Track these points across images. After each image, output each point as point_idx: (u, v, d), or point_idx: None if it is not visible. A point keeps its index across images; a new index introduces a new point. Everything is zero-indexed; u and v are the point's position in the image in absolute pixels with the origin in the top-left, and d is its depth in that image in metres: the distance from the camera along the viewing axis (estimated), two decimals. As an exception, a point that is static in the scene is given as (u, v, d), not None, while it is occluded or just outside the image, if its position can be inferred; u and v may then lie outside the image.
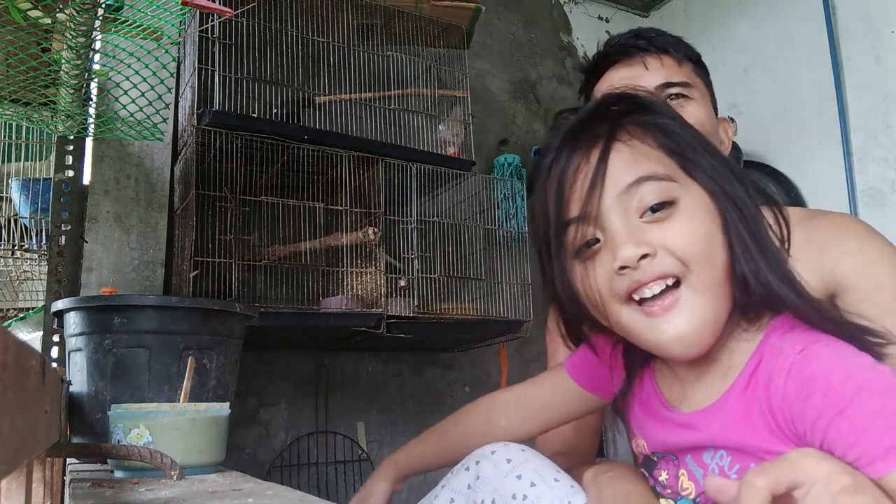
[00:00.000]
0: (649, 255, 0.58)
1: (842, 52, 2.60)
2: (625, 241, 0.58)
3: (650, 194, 0.59)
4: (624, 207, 0.59)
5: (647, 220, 0.59)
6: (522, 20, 3.23)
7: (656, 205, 0.59)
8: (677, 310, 0.58)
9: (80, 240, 1.66)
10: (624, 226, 0.59)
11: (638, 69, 1.02)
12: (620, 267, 0.58)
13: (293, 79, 2.01)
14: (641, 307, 0.60)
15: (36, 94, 1.31)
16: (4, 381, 0.36)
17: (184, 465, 0.87)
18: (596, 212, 0.59)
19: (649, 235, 0.59)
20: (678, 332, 0.59)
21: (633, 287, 0.59)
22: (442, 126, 2.31)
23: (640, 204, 0.59)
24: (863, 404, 0.52)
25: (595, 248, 0.61)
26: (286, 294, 1.99)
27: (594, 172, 0.59)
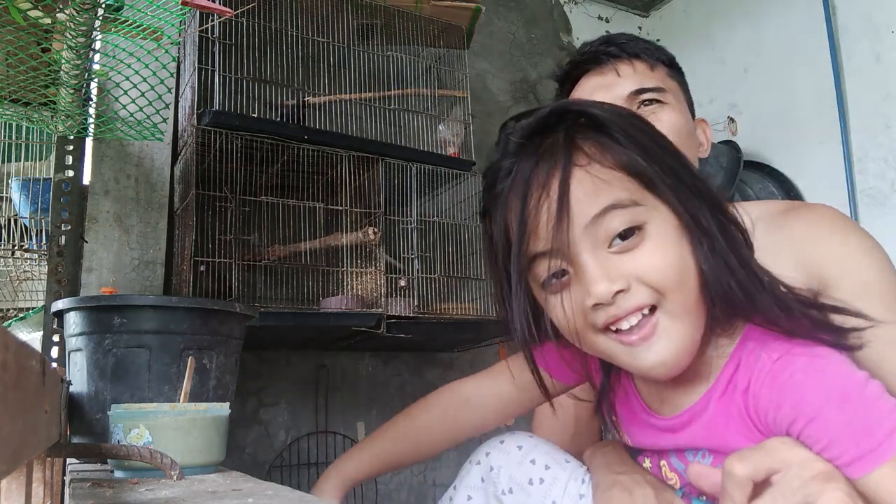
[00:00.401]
0: (623, 290, 0.56)
1: (842, 52, 2.60)
2: (597, 278, 0.56)
3: (617, 222, 0.57)
4: (592, 240, 0.57)
5: (616, 249, 0.57)
6: (522, 20, 3.23)
7: (624, 231, 0.57)
8: (656, 338, 0.58)
9: (80, 240, 1.66)
10: (594, 260, 0.57)
11: (610, 76, 1.01)
12: (595, 304, 0.57)
13: (293, 79, 2.01)
14: (618, 336, 0.59)
15: (36, 94, 1.31)
16: (4, 381, 0.36)
17: (184, 465, 0.87)
18: (564, 246, 0.57)
19: (621, 267, 0.57)
20: (659, 358, 0.58)
21: (610, 321, 0.58)
22: (442, 126, 2.31)
23: (607, 234, 0.57)
24: (832, 414, 0.52)
25: (564, 280, 0.60)
26: (286, 294, 1.99)
27: (558, 206, 0.56)
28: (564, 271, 0.59)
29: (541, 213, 0.58)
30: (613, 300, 0.57)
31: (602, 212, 0.57)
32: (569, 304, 0.59)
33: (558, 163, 0.58)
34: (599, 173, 0.57)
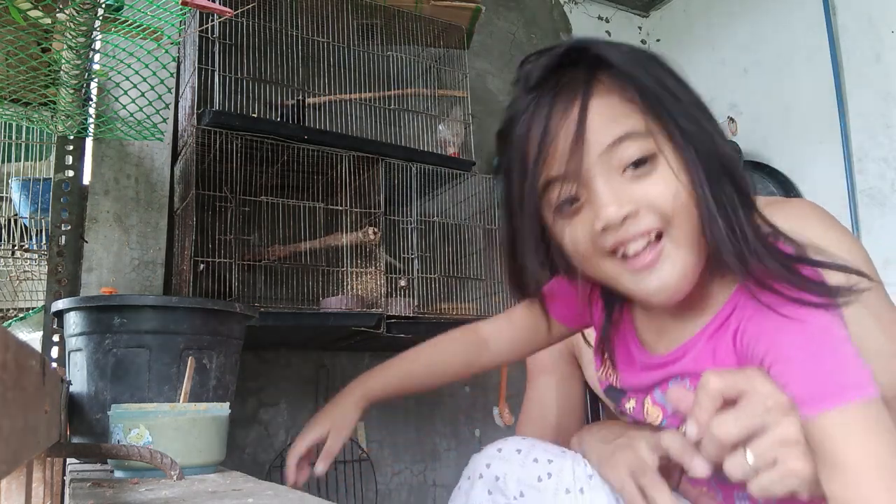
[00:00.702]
0: (632, 214, 0.59)
1: (842, 52, 2.60)
2: (609, 202, 0.59)
3: (630, 151, 0.59)
4: (606, 166, 0.60)
5: (629, 176, 0.60)
6: (522, 20, 3.23)
7: (637, 160, 0.60)
8: (660, 263, 0.60)
9: (80, 240, 1.66)
10: (607, 185, 0.59)
11: None
12: (604, 226, 0.59)
13: (293, 79, 2.01)
14: (624, 261, 0.61)
15: (36, 94, 1.31)
16: (4, 381, 0.36)
17: (184, 465, 0.87)
18: (578, 171, 0.59)
19: (631, 193, 0.59)
20: (661, 283, 0.60)
21: (617, 245, 0.60)
22: (442, 126, 2.31)
23: (621, 161, 0.60)
24: (802, 357, 0.56)
25: (576, 205, 0.62)
26: (286, 294, 1.99)
27: (575, 132, 0.59)
28: (576, 198, 0.61)
29: (559, 140, 0.60)
30: (622, 224, 0.59)
31: (617, 140, 0.59)
32: (579, 228, 0.62)
33: (577, 93, 0.60)
34: (616, 105, 0.60)
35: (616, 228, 0.59)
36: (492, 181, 2.49)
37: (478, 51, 2.94)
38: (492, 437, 2.72)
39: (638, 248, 0.60)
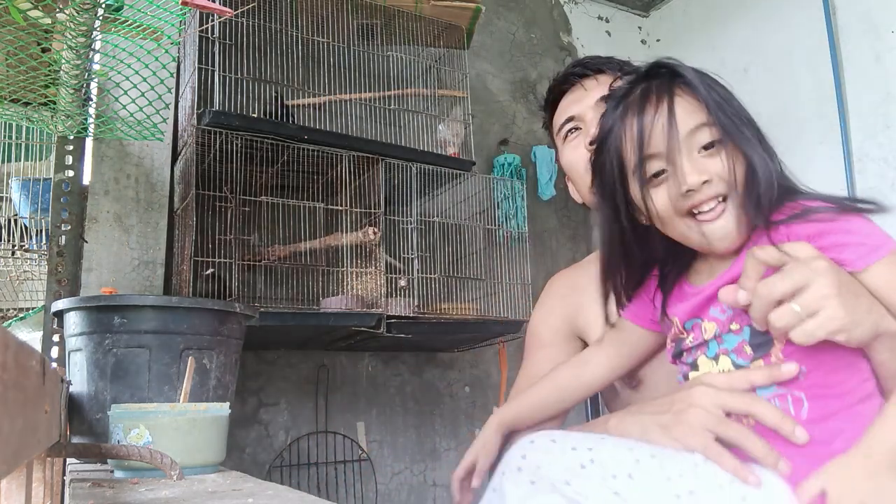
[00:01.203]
0: (708, 181, 0.78)
1: (842, 52, 2.60)
2: (692, 171, 0.79)
3: (704, 136, 0.80)
4: (688, 146, 0.80)
5: (703, 154, 0.80)
6: (522, 20, 3.23)
7: (708, 143, 0.80)
8: (723, 218, 0.79)
9: (80, 240, 1.66)
10: (689, 160, 0.79)
11: (579, 93, 1.15)
12: (687, 190, 0.78)
13: (293, 79, 2.01)
14: (696, 218, 0.80)
15: (36, 94, 1.31)
16: (4, 381, 0.36)
17: (184, 465, 0.87)
18: (668, 150, 0.80)
19: (706, 165, 0.79)
20: (725, 232, 0.80)
21: (694, 205, 0.79)
22: (442, 126, 2.31)
23: (698, 143, 0.80)
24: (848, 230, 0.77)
25: (661, 177, 0.81)
26: (286, 294, 1.99)
27: (667, 122, 0.80)
28: (663, 170, 0.81)
29: (651, 128, 0.81)
30: (700, 188, 0.78)
31: (695, 127, 0.80)
32: (664, 194, 0.81)
33: (665, 94, 0.82)
34: (691, 104, 0.82)
35: (695, 192, 0.78)
36: (492, 181, 2.49)
37: (478, 51, 2.94)
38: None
39: (710, 207, 0.79)
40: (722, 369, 0.81)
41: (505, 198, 2.49)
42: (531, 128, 3.14)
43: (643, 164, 0.82)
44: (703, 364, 0.83)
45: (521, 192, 2.49)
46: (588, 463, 0.74)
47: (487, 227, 2.36)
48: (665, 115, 0.80)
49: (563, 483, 0.73)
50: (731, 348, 0.80)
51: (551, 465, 0.75)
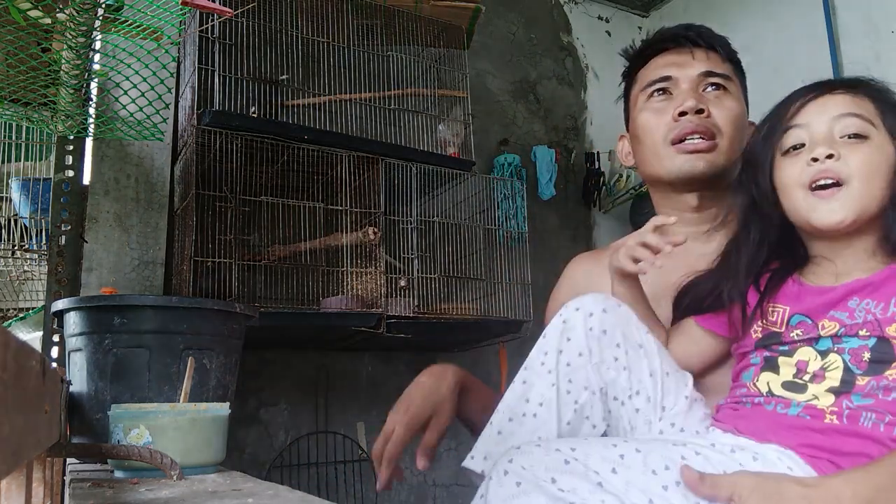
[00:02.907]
0: (834, 156, 0.81)
1: (842, 52, 2.60)
2: (822, 143, 0.82)
3: (852, 125, 0.83)
4: (830, 126, 0.83)
5: (844, 141, 0.83)
6: (522, 20, 3.23)
7: (853, 133, 0.82)
8: (834, 200, 0.81)
9: (80, 240, 1.66)
10: (826, 136, 0.83)
11: (685, 57, 1.09)
12: (813, 158, 0.82)
13: (293, 79, 2.01)
14: (814, 192, 0.83)
15: (36, 94, 1.31)
16: (4, 381, 0.36)
17: (184, 465, 0.87)
18: (810, 122, 0.84)
19: (840, 147, 0.82)
20: (830, 212, 0.81)
21: (815, 177, 0.82)
22: (442, 126, 2.31)
23: (843, 130, 0.83)
24: None
25: (798, 150, 0.85)
26: (286, 294, 1.99)
27: (821, 101, 0.85)
28: (802, 144, 0.85)
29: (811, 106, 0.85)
30: (825, 161, 0.81)
31: (845, 114, 0.83)
32: (796, 165, 0.84)
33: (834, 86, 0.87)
34: (855, 98, 0.85)
35: (819, 163, 0.81)
36: (492, 181, 2.49)
37: (478, 51, 2.94)
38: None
39: (827, 183, 0.82)
40: (825, 365, 0.80)
41: (505, 198, 2.49)
42: (531, 128, 3.14)
43: (784, 134, 0.87)
44: (805, 353, 0.83)
45: (521, 192, 2.49)
46: (572, 460, 0.74)
47: (487, 227, 2.36)
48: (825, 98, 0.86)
49: (549, 482, 0.73)
50: (849, 349, 0.80)
51: (536, 466, 0.74)
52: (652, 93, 1.09)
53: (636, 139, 1.12)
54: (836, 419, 0.77)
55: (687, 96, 1.04)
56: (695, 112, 1.03)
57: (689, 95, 1.04)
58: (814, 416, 0.78)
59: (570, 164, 3.23)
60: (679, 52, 1.10)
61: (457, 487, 2.63)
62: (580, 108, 3.33)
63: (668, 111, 1.05)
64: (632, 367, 0.84)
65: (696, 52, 1.09)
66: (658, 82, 1.08)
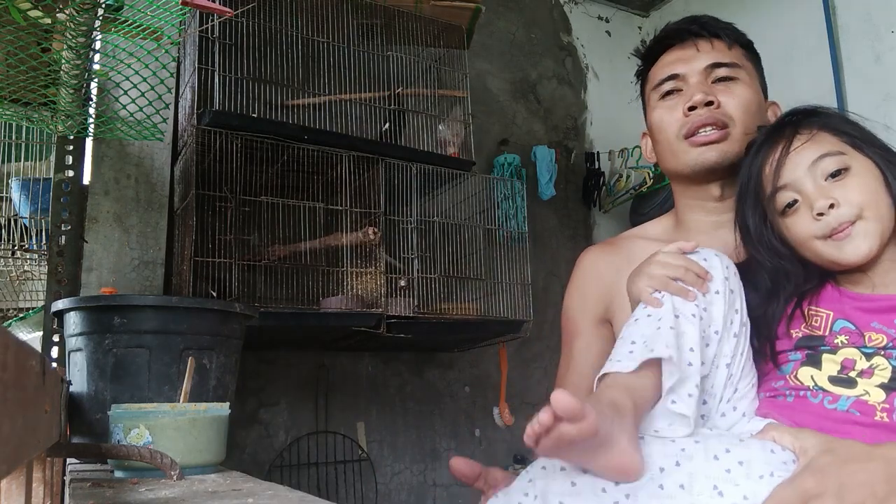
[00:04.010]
0: (835, 205, 0.84)
1: (842, 52, 2.60)
2: (818, 197, 0.85)
3: (829, 165, 0.86)
4: (813, 175, 0.86)
5: (830, 182, 0.85)
6: (522, 20, 3.23)
7: (834, 172, 0.85)
8: (853, 236, 0.84)
9: (80, 240, 1.66)
10: (815, 188, 0.86)
11: (690, 51, 1.09)
12: (818, 213, 0.84)
13: (293, 79, 2.01)
14: (832, 238, 0.85)
15: (36, 94, 1.31)
16: (4, 381, 0.36)
17: (184, 465, 0.87)
18: (793, 181, 0.87)
19: (832, 191, 0.85)
20: (855, 249, 0.84)
21: (832, 229, 0.85)
22: (442, 126, 2.31)
23: (823, 172, 0.86)
24: None
25: (794, 207, 0.88)
26: (286, 294, 1.99)
27: (791, 157, 0.88)
28: (795, 200, 0.87)
29: (781, 163, 0.89)
30: (829, 212, 0.84)
31: (819, 157, 0.86)
32: (799, 221, 0.87)
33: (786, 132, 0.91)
34: (816, 137, 0.89)
35: (826, 216, 0.84)
36: (492, 181, 2.49)
37: (478, 51, 2.94)
38: (491, 436, 2.73)
39: (842, 229, 0.84)
40: (872, 365, 0.81)
41: (505, 198, 2.49)
42: (531, 128, 3.14)
43: (774, 197, 0.89)
44: (850, 353, 0.83)
45: (521, 192, 2.49)
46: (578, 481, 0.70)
47: (487, 227, 2.36)
48: (789, 150, 0.89)
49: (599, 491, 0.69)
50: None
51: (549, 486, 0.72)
52: (664, 92, 1.10)
53: (653, 137, 1.13)
54: (886, 416, 0.77)
55: (695, 90, 1.04)
56: (704, 105, 1.03)
57: (698, 89, 1.05)
58: (864, 412, 0.79)
59: (570, 164, 3.23)
60: (683, 48, 1.10)
61: (457, 487, 2.63)
62: (580, 108, 3.33)
63: (679, 107, 1.06)
64: (739, 337, 0.84)
65: (701, 45, 1.09)
66: (667, 81, 1.09)
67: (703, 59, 1.07)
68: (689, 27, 1.11)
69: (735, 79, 1.08)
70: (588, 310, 1.13)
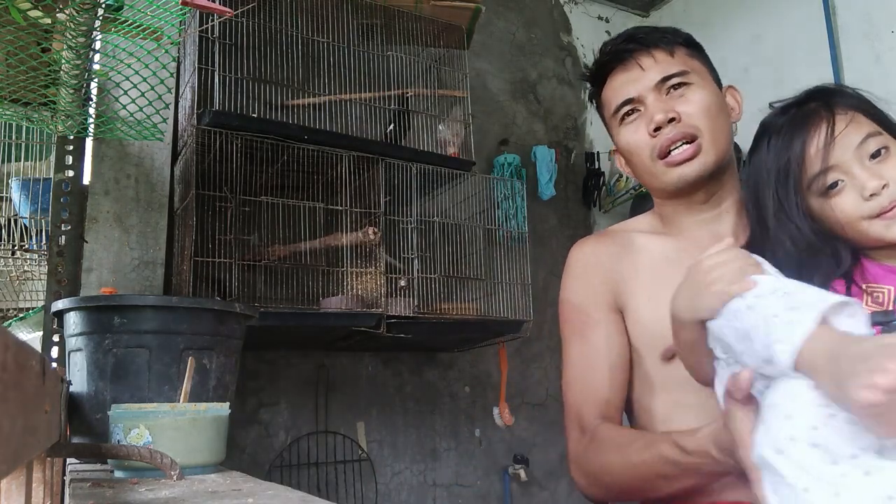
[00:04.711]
0: (887, 185, 0.85)
1: (842, 52, 2.60)
2: (869, 178, 0.86)
3: (872, 145, 0.87)
4: (859, 157, 0.87)
5: (874, 163, 0.87)
6: (522, 20, 3.23)
7: (875, 152, 0.87)
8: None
9: (80, 240, 1.66)
10: (863, 169, 0.87)
11: (635, 72, 1.07)
12: (871, 194, 0.85)
13: (293, 79, 2.01)
14: (879, 218, 0.86)
15: (36, 94, 1.31)
16: (4, 381, 0.36)
17: (184, 465, 0.87)
18: (842, 162, 0.87)
19: (879, 170, 0.87)
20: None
21: (879, 210, 0.86)
22: (442, 126, 2.31)
23: (867, 152, 0.87)
24: None
25: (838, 188, 0.88)
26: (286, 294, 1.99)
27: (839, 139, 0.87)
28: (837, 182, 0.88)
29: (819, 144, 0.88)
30: (882, 192, 0.85)
31: (864, 139, 0.88)
32: (846, 201, 0.87)
33: (824, 114, 0.90)
34: (856, 118, 0.89)
35: (878, 195, 0.85)
36: (492, 181, 2.49)
37: (478, 51, 2.94)
38: (491, 436, 2.73)
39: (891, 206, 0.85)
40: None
41: (505, 198, 2.49)
42: (531, 128, 3.14)
43: (814, 180, 0.89)
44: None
45: (521, 192, 2.49)
46: None
47: (487, 227, 2.36)
48: (830, 132, 0.89)
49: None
50: None
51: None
52: (623, 116, 1.08)
53: (626, 157, 1.12)
54: None
55: (654, 110, 1.03)
56: (667, 122, 1.02)
57: (657, 109, 1.03)
58: None
59: (570, 164, 3.23)
60: (627, 69, 1.08)
61: (457, 487, 2.63)
62: (580, 108, 3.33)
63: (643, 128, 1.05)
64: None
65: (643, 61, 1.07)
66: (622, 106, 1.08)
67: (650, 75, 1.06)
68: (626, 46, 1.09)
69: (688, 84, 1.06)
70: (598, 298, 1.10)
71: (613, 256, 1.11)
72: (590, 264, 1.14)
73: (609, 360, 1.07)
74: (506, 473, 2.72)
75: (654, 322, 1.03)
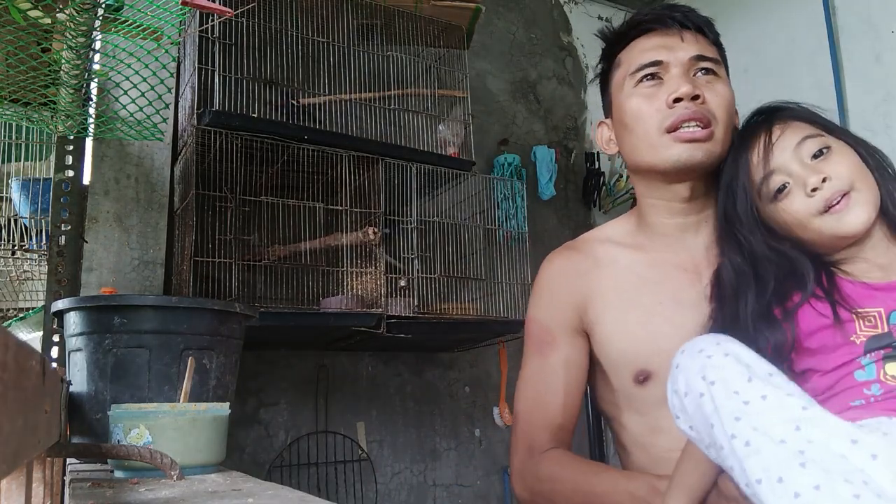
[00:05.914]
0: (827, 178, 0.87)
1: (842, 52, 2.60)
2: (809, 174, 0.88)
3: (811, 146, 0.90)
4: (798, 157, 0.90)
5: (815, 161, 0.89)
6: (522, 20, 3.23)
7: (816, 152, 0.89)
8: (850, 207, 0.87)
9: (80, 240, 1.66)
10: (803, 167, 0.89)
11: (674, 39, 1.03)
12: (812, 189, 0.87)
13: (293, 79, 2.01)
14: (829, 212, 0.87)
15: (36, 94, 1.31)
16: (4, 381, 0.36)
17: (184, 465, 0.87)
18: (782, 164, 0.90)
19: (821, 167, 0.88)
20: (853, 217, 0.86)
21: (828, 201, 0.87)
22: (442, 126, 2.31)
23: (808, 153, 0.90)
24: None
25: (785, 191, 0.90)
26: (286, 294, 1.99)
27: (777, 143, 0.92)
28: (784, 185, 0.90)
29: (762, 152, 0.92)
30: (822, 186, 0.86)
31: (801, 140, 0.90)
32: (794, 202, 0.89)
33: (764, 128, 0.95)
34: (792, 124, 0.93)
35: (820, 191, 0.86)
36: (492, 181, 2.49)
37: (478, 51, 2.94)
38: (491, 436, 2.73)
39: (840, 199, 0.87)
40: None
41: (505, 198, 2.49)
42: (531, 128, 3.14)
43: (765, 182, 0.92)
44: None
45: (521, 192, 2.49)
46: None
47: (487, 227, 2.36)
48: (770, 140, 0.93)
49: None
50: None
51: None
52: (641, 77, 1.03)
53: (623, 126, 1.05)
54: None
55: (680, 82, 0.98)
56: (690, 98, 0.98)
57: (683, 80, 0.99)
58: None
59: (570, 164, 3.23)
60: (667, 35, 1.04)
61: (457, 487, 2.63)
62: (580, 108, 3.33)
63: (660, 97, 1.00)
64: None
65: (685, 35, 1.03)
66: (648, 66, 1.02)
67: (689, 49, 1.01)
68: (672, 14, 1.04)
69: (717, 75, 1.03)
70: (563, 319, 1.07)
71: (582, 274, 1.08)
72: (556, 283, 1.11)
73: (566, 383, 1.06)
74: (506, 473, 2.72)
75: (622, 342, 1.02)
